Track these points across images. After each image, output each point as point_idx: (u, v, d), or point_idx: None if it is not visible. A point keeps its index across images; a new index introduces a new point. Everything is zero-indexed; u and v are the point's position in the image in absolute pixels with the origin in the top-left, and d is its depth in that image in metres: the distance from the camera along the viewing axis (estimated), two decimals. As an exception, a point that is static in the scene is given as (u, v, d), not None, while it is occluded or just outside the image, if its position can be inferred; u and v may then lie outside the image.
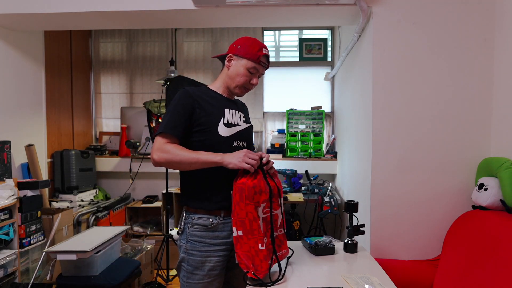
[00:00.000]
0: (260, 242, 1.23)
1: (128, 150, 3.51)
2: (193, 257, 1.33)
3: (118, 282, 2.04)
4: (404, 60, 1.96)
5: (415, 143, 1.97)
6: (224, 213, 1.34)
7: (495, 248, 1.51)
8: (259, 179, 1.24)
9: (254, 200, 1.22)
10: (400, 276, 1.72)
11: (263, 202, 1.25)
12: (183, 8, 2.14)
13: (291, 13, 2.20)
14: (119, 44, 3.91)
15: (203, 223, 1.33)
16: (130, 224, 3.36)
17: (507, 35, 1.83)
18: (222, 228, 1.34)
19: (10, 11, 2.24)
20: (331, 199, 2.76)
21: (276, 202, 1.30)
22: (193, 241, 1.34)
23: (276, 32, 3.91)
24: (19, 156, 2.73)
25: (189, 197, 1.38)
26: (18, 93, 2.74)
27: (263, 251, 1.23)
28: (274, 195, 1.29)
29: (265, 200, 1.26)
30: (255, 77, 1.40)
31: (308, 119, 3.52)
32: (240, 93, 1.42)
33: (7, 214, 2.16)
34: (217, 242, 1.34)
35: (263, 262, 1.23)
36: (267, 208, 1.27)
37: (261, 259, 1.23)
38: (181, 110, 1.31)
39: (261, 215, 1.25)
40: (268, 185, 1.27)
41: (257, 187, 1.22)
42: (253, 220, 1.22)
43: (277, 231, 1.33)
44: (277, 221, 1.33)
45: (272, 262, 1.28)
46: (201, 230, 1.34)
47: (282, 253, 1.35)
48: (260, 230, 1.24)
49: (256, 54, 1.36)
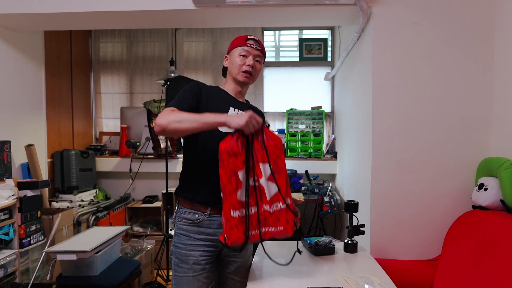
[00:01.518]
0: (232, 208, 1.18)
1: (128, 150, 3.51)
2: (179, 250, 1.36)
3: (118, 282, 2.04)
4: (404, 60, 1.97)
5: (415, 143, 1.97)
6: (211, 210, 1.35)
7: (495, 248, 1.51)
8: (235, 142, 1.18)
9: (229, 164, 1.18)
10: (400, 276, 1.72)
11: (242, 166, 1.19)
12: (183, 8, 2.14)
13: (291, 13, 2.20)
14: (119, 44, 3.91)
15: (190, 217, 1.36)
16: (130, 224, 3.36)
17: (507, 35, 1.83)
18: (208, 224, 1.35)
19: (10, 11, 2.24)
20: (331, 199, 2.76)
21: (257, 165, 1.21)
22: (179, 234, 1.37)
23: (276, 32, 3.91)
24: (19, 156, 2.73)
25: (181, 188, 1.42)
26: (18, 93, 2.74)
27: (235, 219, 1.19)
28: (252, 157, 1.21)
29: (244, 163, 1.19)
30: (249, 59, 1.41)
31: (308, 119, 3.52)
32: (244, 80, 1.42)
33: (7, 214, 2.16)
34: (201, 238, 1.35)
35: (234, 229, 1.19)
36: (252, 177, 1.21)
37: (232, 226, 1.19)
38: (189, 96, 1.34)
39: (243, 181, 1.20)
40: (248, 150, 1.20)
41: (229, 150, 1.18)
42: (225, 185, 1.19)
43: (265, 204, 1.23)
44: (264, 193, 1.23)
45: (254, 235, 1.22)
46: (187, 224, 1.36)
47: (276, 230, 1.24)
48: (234, 195, 1.19)
49: (242, 39, 1.42)
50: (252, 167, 1.22)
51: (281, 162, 1.26)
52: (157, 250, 2.99)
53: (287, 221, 1.24)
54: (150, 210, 3.47)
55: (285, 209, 1.24)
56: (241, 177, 1.20)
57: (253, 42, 1.41)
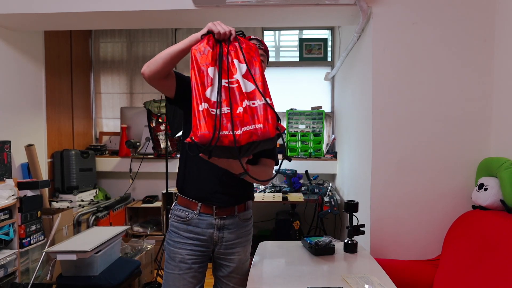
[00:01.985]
0: (200, 102, 1.08)
1: (128, 150, 3.51)
2: (169, 247, 1.37)
3: (118, 282, 2.04)
4: (404, 60, 1.97)
5: (415, 143, 1.97)
6: (200, 208, 1.34)
7: (495, 248, 1.51)
8: (205, 40, 1.16)
9: (198, 63, 1.13)
10: (400, 276, 1.72)
11: (213, 62, 1.14)
12: (183, 8, 2.14)
13: (291, 13, 2.20)
14: (119, 44, 3.91)
15: (180, 215, 1.36)
16: (130, 224, 3.36)
17: (507, 35, 1.83)
18: (197, 223, 1.35)
19: (10, 11, 2.24)
20: (331, 199, 2.76)
21: (232, 66, 1.15)
22: (170, 231, 1.39)
23: (276, 32, 3.91)
24: (19, 156, 2.73)
25: (177, 182, 1.43)
26: (18, 93, 2.74)
27: (203, 112, 1.07)
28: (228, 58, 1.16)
29: (216, 61, 1.14)
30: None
31: (308, 119, 3.52)
32: None
33: (7, 214, 2.16)
34: (190, 236, 1.34)
35: (201, 122, 1.06)
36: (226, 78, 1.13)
37: (199, 119, 1.07)
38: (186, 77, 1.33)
39: (214, 78, 1.12)
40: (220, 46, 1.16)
41: (199, 48, 1.15)
42: (194, 80, 1.12)
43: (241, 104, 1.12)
44: (241, 91, 1.13)
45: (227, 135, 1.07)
46: (178, 221, 1.37)
47: (254, 128, 1.09)
48: (202, 89, 1.10)
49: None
50: (226, 65, 1.15)
51: (256, 62, 1.18)
52: (157, 250, 2.98)
53: (267, 119, 1.11)
54: (150, 210, 3.47)
55: (264, 106, 1.11)
56: (211, 73, 1.12)
57: (257, 42, 1.40)
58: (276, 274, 1.35)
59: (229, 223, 1.37)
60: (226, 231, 1.37)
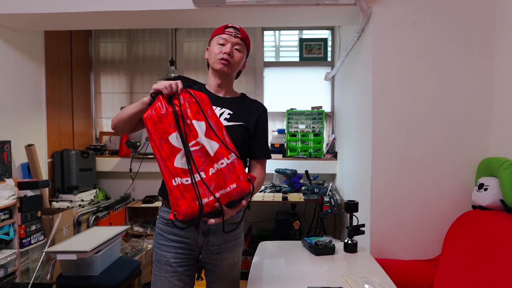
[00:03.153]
0: (172, 177, 1.06)
1: (128, 150, 3.51)
2: (155, 249, 1.35)
3: (118, 282, 2.04)
4: (404, 60, 1.97)
5: (415, 143, 1.97)
6: None
7: (495, 248, 1.51)
8: (156, 106, 1.09)
9: (157, 132, 1.07)
10: (400, 276, 1.72)
11: (173, 128, 1.08)
12: (183, 8, 2.14)
13: (291, 13, 2.20)
14: (119, 44, 3.91)
15: (165, 216, 1.34)
16: (130, 224, 3.36)
17: (507, 35, 1.83)
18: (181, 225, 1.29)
19: (10, 11, 2.24)
20: (331, 199, 2.75)
21: (192, 128, 1.09)
22: (156, 233, 1.36)
23: (276, 32, 3.91)
24: (19, 156, 2.73)
25: (161, 188, 1.38)
26: (18, 93, 2.74)
27: (179, 187, 1.05)
28: (183, 117, 1.09)
29: (174, 126, 1.08)
30: (227, 46, 1.30)
31: (308, 119, 3.52)
32: (220, 68, 1.31)
33: (7, 214, 2.16)
34: (173, 238, 1.30)
35: (180, 200, 1.04)
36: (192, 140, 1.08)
37: (177, 197, 1.05)
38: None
39: (178, 145, 1.08)
40: (173, 107, 1.09)
41: (153, 117, 1.08)
42: (157, 153, 1.07)
43: (211, 166, 1.08)
44: (208, 153, 1.08)
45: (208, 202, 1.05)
46: (163, 223, 1.35)
47: (230, 189, 1.07)
48: (170, 162, 1.06)
49: (221, 28, 1.34)
50: (183, 127, 1.08)
51: (213, 117, 1.14)
52: (157, 250, 2.98)
53: (238, 177, 1.09)
54: (150, 210, 3.47)
55: (231, 164, 1.09)
56: (174, 142, 1.07)
57: (233, 30, 1.32)
58: (276, 274, 1.35)
59: (214, 227, 1.30)
60: (212, 235, 1.31)
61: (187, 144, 1.08)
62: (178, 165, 1.07)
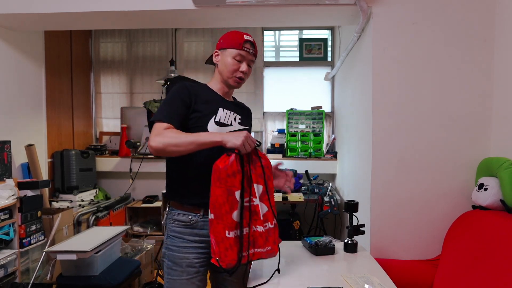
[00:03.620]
0: (228, 229, 1.16)
1: (128, 150, 3.51)
2: (172, 253, 1.32)
3: (118, 282, 2.04)
4: (404, 60, 1.97)
5: (415, 143, 1.97)
6: (204, 211, 1.32)
7: (494, 248, 1.51)
8: (233, 161, 1.18)
9: (227, 183, 1.16)
10: (400, 276, 1.72)
11: (239, 185, 1.18)
12: (183, 8, 2.14)
13: (291, 13, 2.20)
14: (119, 44, 3.91)
15: (183, 219, 1.33)
16: (130, 224, 3.36)
17: (507, 35, 1.83)
18: (202, 226, 1.32)
19: (10, 11, 2.24)
20: (331, 199, 2.76)
21: (253, 189, 1.22)
22: (172, 237, 1.34)
23: (276, 32, 3.91)
24: (19, 156, 2.73)
25: (171, 191, 1.38)
26: (18, 93, 2.74)
27: (230, 240, 1.16)
28: (250, 178, 1.21)
29: (242, 183, 1.19)
30: (244, 64, 1.36)
31: (308, 119, 3.53)
32: (235, 84, 1.39)
33: (7, 214, 2.16)
34: (195, 239, 1.32)
35: (229, 250, 1.16)
36: (248, 197, 1.21)
37: (227, 247, 1.16)
38: (179, 101, 1.30)
39: (239, 201, 1.19)
40: (242, 169, 1.19)
41: (229, 169, 1.16)
42: (222, 204, 1.17)
43: (257, 224, 1.23)
44: (258, 213, 1.24)
45: (244, 256, 1.20)
46: (180, 226, 1.33)
47: (265, 250, 1.25)
48: (229, 216, 1.17)
49: (238, 41, 1.35)
50: (248, 187, 1.21)
51: (271, 182, 1.29)
52: (157, 250, 2.98)
53: (274, 241, 1.28)
54: (150, 210, 3.47)
55: (273, 229, 1.28)
56: (237, 197, 1.18)
57: (249, 46, 1.36)
58: (276, 274, 1.35)
59: None
60: None
61: (249, 203, 1.22)
62: (234, 218, 1.18)
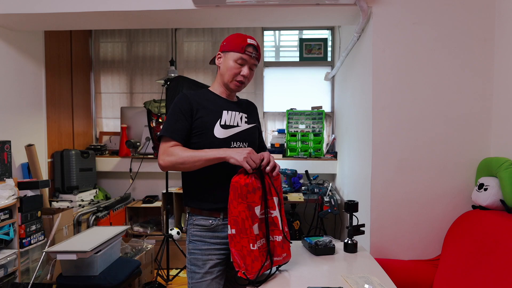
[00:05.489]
0: (252, 242, 1.22)
1: (128, 150, 3.51)
2: (195, 256, 1.36)
3: (118, 282, 2.05)
4: (404, 60, 1.97)
5: (415, 143, 1.97)
6: (223, 215, 1.36)
7: (494, 248, 1.51)
8: (253, 178, 1.22)
9: (248, 199, 1.21)
10: (400, 276, 1.72)
11: (259, 201, 1.24)
12: (183, 8, 2.14)
13: (291, 13, 2.20)
14: (119, 44, 3.91)
15: (203, 224, 1.37)
16: (130, 224, 3.36)
17: (507, 35, 1.83)
18: (222, 228, 1.36)
19: (10, 11, 2.24)
20: (331, 199, 2.76)
21: (270, 200, 1.28)
22: (194, 241, 1.38)
23: (276, 32, 3.91)
24: (19, 156, 2.73)
25: (190, 198, 1.41)
26: (18, 93, 2.74)
27: (255, 252, 1.22)
28: (267, 192, 1.27)
29: (261, 198, 1.25)
30: (245, 68, 1.37)
31: (308, 119, 3.53)
32: (235, 88, 1.40)
33: (7, 214, 2.16)
34: (217, 242, 1.37)
35: (255, 262, 1.22)
36: (264, 210, 1.27)
37: (253, 259, 1.21)
38: (180, 114, 1.34)
39: (259, 215, 1.24)
40: (262, 183, 1.25)
41: (249, 186, 1.21)
42: (245, 219, 1.21)
43: (275, 235, 1.30)
44: (277, 224, 1.30)
45: (266, 265, 1.27)
46: (202, 230, 1.37)
47: (282, 258, 1.32)
48: (252, 230, 1.22)
49: (240, 45, 1.35)
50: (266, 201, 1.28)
51: (281, 194, 1.36)
52: (157, 250, 2.99)
53: (289, 247, 1.36)
54: (150, 210, 3.47)
55: (284, 238, 1.33)
56: (257, 212, 1.24)
57: (252, 49, 1.36)
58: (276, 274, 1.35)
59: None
60: None
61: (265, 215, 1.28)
62: (255, 231, 1.23)
